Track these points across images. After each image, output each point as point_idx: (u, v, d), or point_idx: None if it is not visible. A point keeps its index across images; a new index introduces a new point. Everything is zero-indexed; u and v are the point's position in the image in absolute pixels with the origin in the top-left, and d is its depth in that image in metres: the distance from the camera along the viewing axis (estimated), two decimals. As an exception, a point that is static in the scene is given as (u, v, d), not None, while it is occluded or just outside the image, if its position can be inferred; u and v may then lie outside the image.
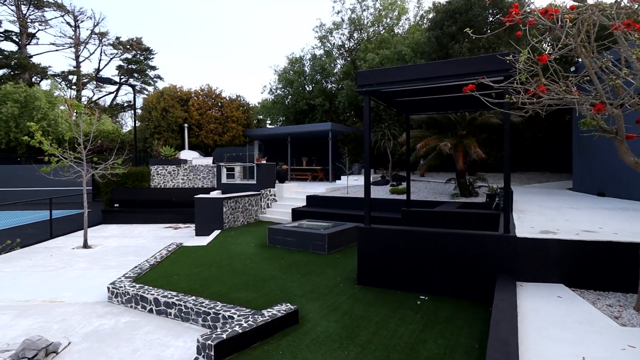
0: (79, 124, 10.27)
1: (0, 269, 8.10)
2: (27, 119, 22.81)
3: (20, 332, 5.04)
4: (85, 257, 9.07)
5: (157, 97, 20.88)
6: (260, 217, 13.13)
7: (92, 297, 6.29)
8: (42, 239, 11.29)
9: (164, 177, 15.81)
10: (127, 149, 20.95)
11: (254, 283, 6.15)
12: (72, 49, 38.03)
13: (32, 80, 33.39)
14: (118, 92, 40.56)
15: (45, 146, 9.44)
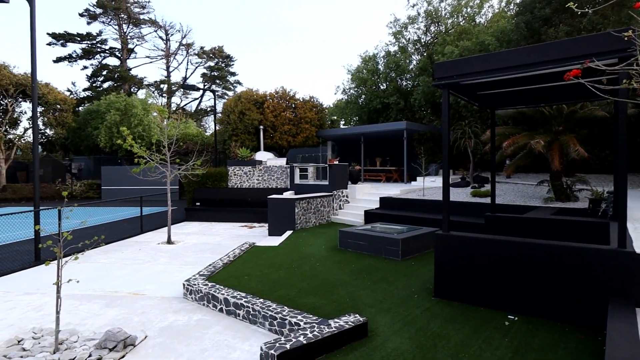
0: (164, 127, 10.98)
1: (97, 260, 8.91)
2: (126, 125, 25.38)
3: (106, 322, 5.37)
4: (167, 253, 9.64)
5: (235, 100, 21.88)
6: (332, 219, 12.96)
7: (170, 292, 6.57)
8: (134, 234, 12.30)
9: (240, 178, 16.43)
10: (209, 151, 22.24)
11: (323, 288, 5.92)
12: (163, 60, 41.74)
13: (130, 90, 37.24)
14: (202, 98, 43.58)
15: (135, 149, 10.23)
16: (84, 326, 5.26)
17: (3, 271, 7.95)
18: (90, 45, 37.81)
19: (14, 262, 8.63)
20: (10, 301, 6.30)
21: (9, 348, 4.63)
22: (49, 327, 5.15)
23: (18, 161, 30.65)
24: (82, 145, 30.16)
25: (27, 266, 8.33)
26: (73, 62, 37.85)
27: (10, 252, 9.58)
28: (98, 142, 27.21)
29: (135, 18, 38.41)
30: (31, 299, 6.41)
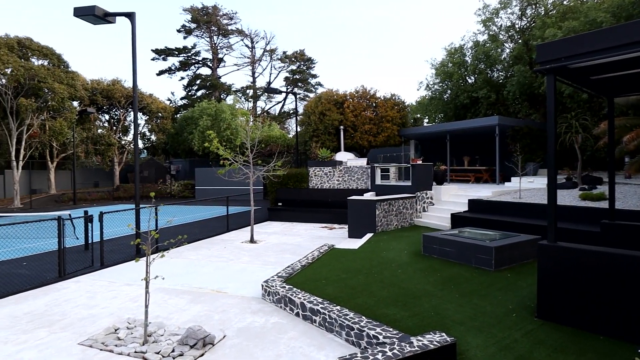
0: (246, 130, 11.36)
1: (187, 256, 9.47)
2: (215, 129, 27.19)
3: (189, 318, 5.56)
4: (249, 252, 9.91)
5: (315, 102, 22.08)
6: (415, 222, 12.27)
7: (250, 292, 6.64)
8: (221, 232, 12.95)
9: (320, 178, 16.46)
10: (290, 152, 22.75)
11: (404, 298, 5.46)
12: (249, 67, 44.03)
13: (220, 96, 39.91)
14: (285, 101, 45.05)
15: (220, 151, 10.72)
16: (170, 320, 5.49)
17: (111, 262, 8.82)
18: (186, 57, 41.38)
19: (120, 255, 9.56)
20: (113, 291, 6.91)
21: (107, 336, 4.99)
22: (141, 318, 5.47)
23: (129, 164, 34.66)
24: (180, 148, 33.06)
25: (130, 259, 9.14)
26: (172, 74, 41.80)
27: (118, 245, 10.64)
28: (192, 145, 29.56)
29: (224, 29, 41.11)
30: (130, 289, 6.95)
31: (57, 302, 6.37)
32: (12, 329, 5.29)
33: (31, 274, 8.09)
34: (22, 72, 22.50)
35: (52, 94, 23.86)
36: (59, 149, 28.84)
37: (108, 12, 9.45)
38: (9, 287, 7.13)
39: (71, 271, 8.04)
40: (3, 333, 5.16)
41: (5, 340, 4.95)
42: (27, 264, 8.96)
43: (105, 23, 9.70)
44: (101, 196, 29.44)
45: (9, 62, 22.25)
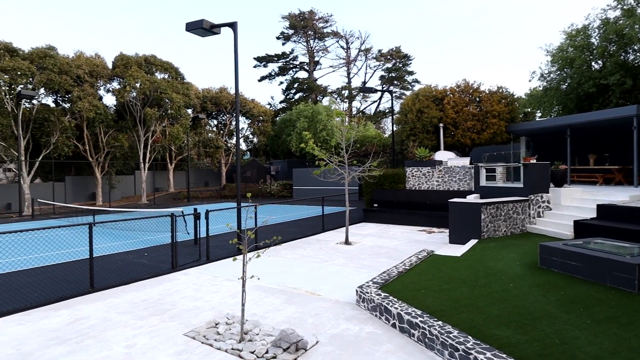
0: (342, 130, 11.24)
1: (284, 255, 9.67)
2: (312, 131, 27.86)
3: (284, 318, 5.55)
4: (344, 253, 9.74)
5: (412, 99, 21.17)
6: (529, 228, 10.86)
7: (343, 296, 6.42)
8: (316, 232, 13.06)
9: (418, 179, 15.65)
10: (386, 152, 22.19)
11: (519, 318, 4.70)
12: (344, 67, 44.36)
13: (316, 98, 40.89)
14: (380, 100, 44.37)
15: (316, 152, 10.76)
16: (266, 319, 5.54)
17: (215, 258, 9.41)
18: (285, 62, 43.31)
19: (224, 250, 10.17)
20: (215, 285, 7.29)
21: (208, 329, 5.20)
22: (239, 315, 5.61)
23: (234, 165, 37.51)
24: (279, 150, 34.69)
25: (232, 255, 9.64)
26: (272, 79, 44.12)
27: (222, 242, 11.36)
28: (290, 147, 30.74)
29: (320, 33, 42.06)
30: (230, 285, 7.27)
31: (169, 292, 6.92)
32: (131, 314, 5.84)
33: (150, 264, 9.01)
34: (148, 85, 25.75)
35: (171, 103, 26.88)
36: (176, 152, 32.45)
37: (214, 24, 10.13)
38: (132, 274, 8.00)
39: (182, 264, 8.74)
40: (124, 317, 5.72)
41: (126, 324, 5.47)
42: (147, 255, 10.03)
43: (212, 34, 10.42)
44: (210, 194, 32.31)
45: (138, 77, 25.64)
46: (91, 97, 24.26)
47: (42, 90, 23.34)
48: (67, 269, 8.64)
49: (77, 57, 25.68)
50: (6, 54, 21.80)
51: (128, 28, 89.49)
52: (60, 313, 5.93)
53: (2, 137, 21.78)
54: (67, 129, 23.79)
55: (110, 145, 26.62)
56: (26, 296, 6.72)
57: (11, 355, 4.59)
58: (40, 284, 7.46)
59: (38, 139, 23.52)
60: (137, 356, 4.50)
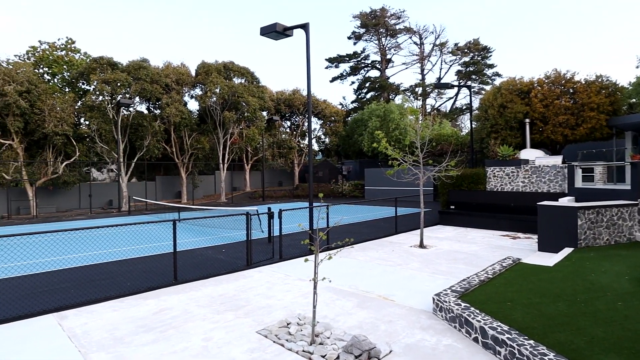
0: (416, 129, 10.75)
1: (355, 256, 9.50)
2: (384, 130, 27.32)
3: (355, 323, 5.37)
4: (419, 257, 9.29)
5: (493, 93, 19.69)
6: (637, 237, 9.42)
7: (418, 303, 6.07)
8: (389, 234, 12.68)
9: (501, 180, 14.48)
10: (464, 150, 20.98)
11: (633, 345, 3.99)
12: (418, 64, 42.91)
13: (389, 97, 40.09)
14: (457, 96, 42.20)
15: (389, 151, 10.41)
16: (337, 322, 5.40)
17: (288, 256, 9.54)
18: (356, 62, 43.10)
19: (296, 250, 10.28)
20: (287, 284, 7.35)
21: (280, 329, 5.21)
22: (310, 315, 5.55)
23: (306, 165, 38.20)
24: (350, 150, 34.61)
25: (304, 254, 9.70)
26: (343, 79, 44.18)
27: (295, 240, 11.51)
28: (362, 147, 30.48)
29: (392, 30, 41.17)
30: (302, 285, 7.27)
31: (244, 288, 7.12)
32: (209, 308, 6.08)
33: (227, 260, 9.41)
34: (226, 90, 27.25)
35: (247, 106, 28.15)
36: (252, 152, 33.95)
37: (286, 27, 10.28)
38: (211, 269, 8.40)
39: (256, 261, 8.99)
40: (203, 310, 5.98)
41: (204, 317, 5.70)
42: (225, 251, 10.50)
43: (285, 37, 10.60)
44: (284, 194, 33.26)
45: (218, 83, 27.25)
46: (177, 103, 26.31)
47: (137, 99, 25.85)
48: (155, 261, 9.36)
49: (166, 67, 28.03)
50: (108, 68, 24.53)
51: (210, 37, 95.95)
52: (148, 302, 6.38)
53: (105, 141, 24.54)
54: (157, 133, 26.07)
55: (193, 147, 28.64)
56: (121, 284, 7.38)
57: (106, 338, 5.01)
58: (133, 274, 8.16)
59: (134, 143, 26.10)
60: (213, 350, 4.63)
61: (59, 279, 7.90)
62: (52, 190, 23.42)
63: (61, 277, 8.10)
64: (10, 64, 22.61)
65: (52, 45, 29.61)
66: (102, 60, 24.87)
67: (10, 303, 6.41)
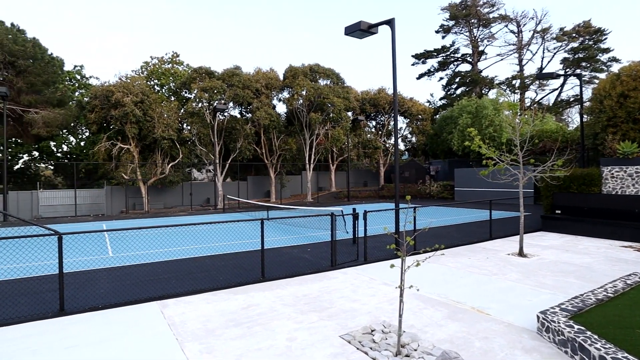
0: (515, 125, 9.73)
1: (444, 262, 8.91)
2: (477, 127, 25.49)
3: (445, 336, 4.96)
4: (518, 267, 8.37)
5: (610, 81, 17.08)
6: None
7: (519, 320, 5.41)
8: (482, 239, 11.71)
9: (621, 181, 12.47)
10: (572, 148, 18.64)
11: None
12: (515, 54, 39.27)
13: (481, 92, 37.37)
14: (562, 87, 37.73)
15: (483, 150, 9.58)
16: (425, 334, 5.05)
17: (373, 259, 9.30)
18: (445, 57, 40.97)
19: (381, 252, 9.98)
20: (372, 288, 7.13)
21: (364, 335, 5.02)
22: (396, 324, 5.28)
23: (392, 165, 37.43)
24: (439, 149, 33.02)
25: (389, 257, 9.38)
26: (431, 75, 42.33)
27: (380, 243, 11.22)
28: (451, 145, 28.85)
29: (484, 19, 38.30)
30: (387, 290, 6.99)
31: (328, 290, 7.08)
32: (294, 307, 6.14)
33: (312, 259, 9.49)
34: (312, 92, 27.85)
35: (332, 107, 28.46)
36: (337, 153, 34.22)
37: (371, 24, 10.06)
38: (296, 268, 8.54)
39: (340, 262, 8.92)
40: (288, 310, 6.05)
41: (288, 316, 5.76)
42: (310, 250, 10.64)
43: (370, 35, 10.38)
44: (369, 194, 32.97)
45: (304, 85, 27.97)
46: (266, 107, 27.63)
47: (230, 104, 27.73)
48: (245, 257, 9.83)
49: (256, 73, 29.62)
50: (206, 77, 26.73)
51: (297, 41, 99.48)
52: (237, 297, 6.67)
53: (203, 144, 26.76)
54: (249, 136, 27.67)
55: (281, 148, 29.83)
56: (214, 278, 7.85)
57: (199, 329, 5.31)
58: (225, 269, 8.65)
59: (228, 145, 28.05)
60: (296, 351, 4.63)
61: (162, 270, 8.70)
62: (161, 189, 26.22)
63: (164, 268, 8.91)
64: (128, 79, 25.85)
65: (161, 60, 33.21)
66: (201, 70, 27.18)
67: (124, 289, 7.21)
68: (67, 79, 30.61)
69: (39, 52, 22.27)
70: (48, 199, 23.12)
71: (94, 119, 23.63)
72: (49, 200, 23.11)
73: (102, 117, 23.56)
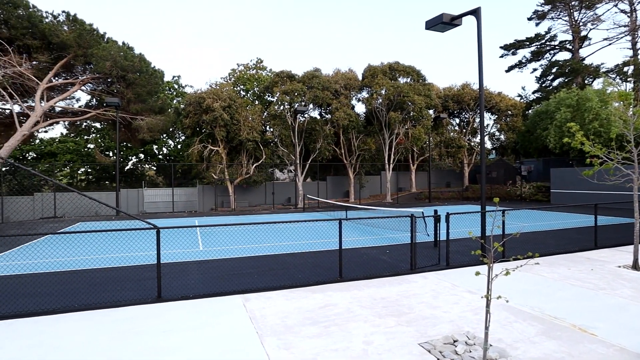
0: (628, 118, 8.46)
1: (538, 272, 8.08)
2: (578, 122, 22.80)
3: (540, 355, 4.46)
4: (632, 282, 7.27)
5: None
6: None
7: (633, 344, 4.66)
8: (585, 248, 10.41)
9: None
10: None
11: None
12: (626, 37, 34.27)
13: (583, 82, 33.33)
14: (693, 72, 31.95)
15: (586, 147, 8.49)
16: (515, 350, 4.60)
17: (456, 264, 8.79)
18: (539, 46, 37.28)
19: (465, 257, 9.38)
20: (455, 295, 6.72)
21: (445, 345, 4.74)
22: (481, 336, 4.90)
23: (477, 165, 35.17)
24: (531, 147, 30.21)
25: (474, 263, 8.77)
26: (522, 67, 38.82)
27: (464, 247, 10.56)
28: (547, 143, 26.20)
29: (588, 0, 34.03)
30: (472, 298, 6.54)
31: (406, 294, 6.83)
32: (371, 310, 6.03)
33: (391, 261, 9.27)
34: (391, 90, 27.32)
35: (413, 105, 27.61)
36: (418, 152, 33.11)
37: (454, 16, 9.52)
38: (374, 270, 8.41)
39: (420, 266, 8.57)
40: (365, 312, 5.96)
41: (365, 319, 5.67)
42: (388, 252, 10.40)
43: (452, 27, 9.83)
44: (451, 195, 31.39)
45: (383, 84, 27.55)
46: (345, 107, 27.76)
47: (310, 105, 28.39)
48: (322, 256, 9.94)
49: (335, 74, 29.91)
50: (287, 80, 27.70)
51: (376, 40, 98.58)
52: (315, 296, 6.75)
53: (285, 145, 27.78)
54: (328, 136, 28.06)
55: (360, 148, 29.74)
56: (293, 275, 8.06)
57: (278, 325, 5.47)
58: (303, 267, 8.84)
59: (308, 146, 28.75)
60: (373, 355, 4.52)
61: (246, 265, 9.18)
62: (246, 188, 27.81)
63: (247, 263, 9.38)
64: (217, 85, 27.86)
65: (246, 66, 35.22)
66: (283, 74, 28.26)
67: (211, 281, 7.74)
68: (166, 88, 33.97)
69: (144, 65, 25.02)
70: (151, 196, 25.91)
71: (188, 124, 25.88)
72: (152, 197, 25.90)
73: (195, 121, 25.70)
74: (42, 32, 20.87)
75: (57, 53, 21.90)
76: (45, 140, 31.21)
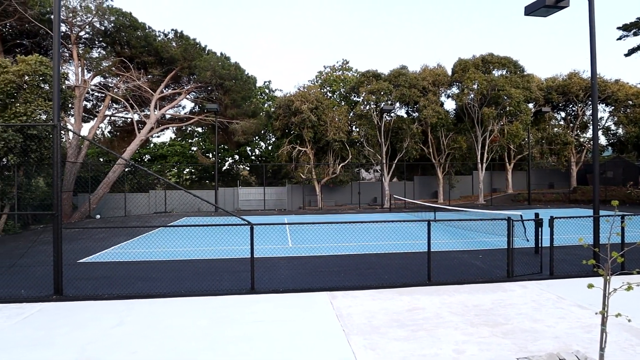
0: None
1: (670, 289, 6.87)
2: None
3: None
4: None
5: None
6: None
7: None
8: None
9: None
10: None
11: None
12: None
13: None
14: None
15: None
16: (640, 378, 3.98)
17: (561, 274, 7.92)
18: (674, 22, 31.57)
19: (573, 267, 8.40)
20: (560, 309, 6.05)
21: (550, 363, 4.29)
22: (594, 357, 4.34)
23: (588, 163, 31.16)
24: (660, 142, 25.80)
25: (585, 274, 7.80)
26: (649, 49, 33.27)
27: (572, 255, 9.46)
28: (682, 137, 22.16)
29: None
30: (582, 313, 5.83)
31: (503, 303, 6.33)
32: (462, 317, 5.70)
33: (484, 267, 8.69)
34: (484, 85, 25.51)
35: (509, 99, 25.45)
36: (515, 150, 30.39)
37: (562, -4, 8.53)
38: (465, 275, 7.96)
39: (519, 274, 7.88)
40: (455, 318, 5.67)
41: (456, 326, 5.39)
42: (482, 257, 9.75)
43: (557, 10, 8.81)
44: (556, 198, 28.30)
45: (475, 78, 25.85)
46: (434, 105, 26.66)
47: (397, 104, 27.84)
48: (410, 258, 9.69)
49: (423, 71, 28.89)
50: (373, 79, 27.51)
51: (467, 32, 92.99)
52: (402, 298, 6.60)
53: (371, 145, 27.65)
54: (415, 135, 27.24)
55: (450, 147, 28.32)
56: (379, 276, 7.99)
57: (364, 324, 5.46)
58: (390, 268, 8.72)
59: (394, 145, 28.23)
60: (465, 365, 4.28)
61: (332, 263, 9.34)
62: (332, 187, 28.29)
63: (334, 261, 9.54)
64: (305, 88, 28.78)
65: (332, 68, 35.82)
66: (368, 73, 28.15)
67: (300, 277, 8.03)
68: (258, 93, 36.10)
69: (239, 73, 26.90)
70: (244, 195, 27.80)
71: (278, 126, 27.15)
72: (245, 196, 27.76)
73: (285, 124, 26.86)
74: (156, 49, 23.63)
75: (167, 67, 24.63)
76: (158, 144, 35.29)
